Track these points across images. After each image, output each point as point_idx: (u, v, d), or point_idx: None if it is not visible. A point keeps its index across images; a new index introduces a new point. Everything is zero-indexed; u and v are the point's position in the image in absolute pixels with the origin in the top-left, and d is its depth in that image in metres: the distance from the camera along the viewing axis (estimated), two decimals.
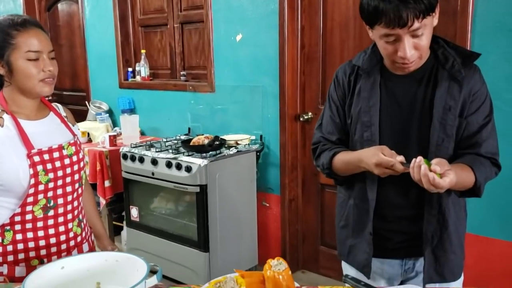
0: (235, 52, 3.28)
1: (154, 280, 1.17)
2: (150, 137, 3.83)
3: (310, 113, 3.08)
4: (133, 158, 3.11)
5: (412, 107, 1.38)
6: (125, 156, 3.17)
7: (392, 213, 1.43)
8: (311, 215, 3.23)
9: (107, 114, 4.07)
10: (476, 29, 2.29)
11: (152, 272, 1.18)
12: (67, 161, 1.44)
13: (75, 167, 1.47)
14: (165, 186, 2.98)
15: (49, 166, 1.39)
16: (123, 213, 3.52)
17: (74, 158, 1.46)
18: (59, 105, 1.60)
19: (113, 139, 3.49)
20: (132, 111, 3.99)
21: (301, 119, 3.09)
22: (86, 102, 4.24)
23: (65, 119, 1.55)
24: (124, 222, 3.45)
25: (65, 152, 1.44)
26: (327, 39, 2.95)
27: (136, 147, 3.20)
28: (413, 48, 1.26)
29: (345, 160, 1.44)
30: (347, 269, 1.57)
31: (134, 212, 3.26)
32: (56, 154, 1.41)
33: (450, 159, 1.35)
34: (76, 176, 1.47)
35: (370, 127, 1.40)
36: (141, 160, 3.06)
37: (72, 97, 4.74)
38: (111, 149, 3.44)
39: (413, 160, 1.21)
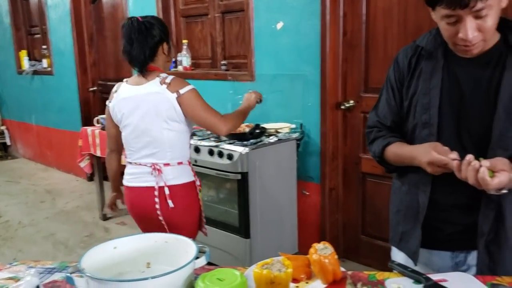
0: (276, 41, 3.27)
1: (203, 260, 1.19)
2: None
3: (351, 101, 3.04)
4: None
5: (475, 93, 1.29)
6: None
7: (446, 201, 1.38)
8: (352, 204, 3.20)
9: None
10: None
11: (201, 252, 1.21)
12: None
13: None
14: (208, 173, 3.02)
15: None
16: None
17: None
18: None
19: None
20: None
21: (343, 107, 3.06)
22: None
23: None
24: None
25: None
26: (370, 26, 2.89)
27: None
28: (476, 30, 1.18)
29: (398, 154, 1.40)
30: (396, 255, 1.54)
31: None
32: None
33: None
34: None
35: (429, 110, 1.34)
36: None
37: None
38: None
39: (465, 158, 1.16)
